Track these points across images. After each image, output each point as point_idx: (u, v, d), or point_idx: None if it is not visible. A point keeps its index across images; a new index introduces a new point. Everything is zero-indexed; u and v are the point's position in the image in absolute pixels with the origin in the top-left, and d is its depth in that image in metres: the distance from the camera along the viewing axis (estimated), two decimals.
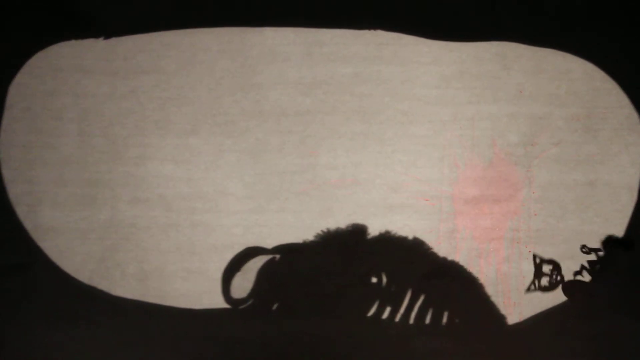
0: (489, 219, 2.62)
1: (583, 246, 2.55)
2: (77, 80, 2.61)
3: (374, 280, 2.60)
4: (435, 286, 2.58)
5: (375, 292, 2.59)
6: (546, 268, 2.57)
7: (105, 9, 2.60)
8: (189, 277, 2.61)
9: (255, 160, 2.62)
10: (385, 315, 2.58)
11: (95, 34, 2.62)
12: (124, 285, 2.60)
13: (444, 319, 2.57)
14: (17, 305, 2.59)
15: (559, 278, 2.56)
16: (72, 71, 2.61)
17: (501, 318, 2.60)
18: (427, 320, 2.57)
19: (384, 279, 2.59)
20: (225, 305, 2.60)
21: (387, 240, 2.60)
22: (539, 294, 2.58)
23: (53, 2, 2.60)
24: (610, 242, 2.56)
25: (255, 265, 2.61)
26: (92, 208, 2.61)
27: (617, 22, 2.62)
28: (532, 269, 2.58)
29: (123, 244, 2.61)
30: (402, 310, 2.57)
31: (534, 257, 2.58)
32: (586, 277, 2.55)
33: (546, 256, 2.59)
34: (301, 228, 2.61)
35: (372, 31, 2.63)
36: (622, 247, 2.55)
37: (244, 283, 2.60)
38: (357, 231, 2.61)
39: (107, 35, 2.62)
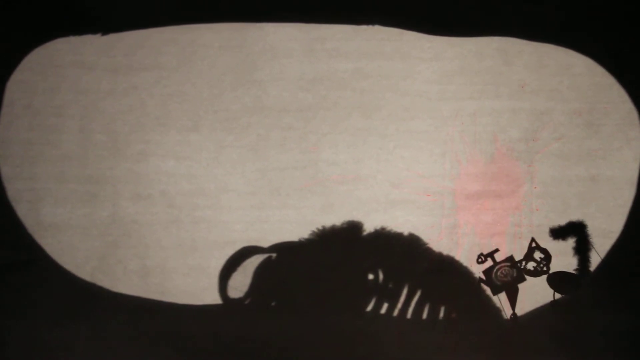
0: (491, 214, 2.62)
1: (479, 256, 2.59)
2: (78, 77, 2.60)
3: (375, 276, 2.60)
4: (437, 281, 2.58)
5: (376, 287, 2.59)
6: (537, 255, 2.57)
7: (105, 4, 2.59)
8: (191, 274, 2.61)
9: (257, 157, 2.62)
10: (387, 310, 2.58)
11: (95, 30, 2.61)
12: (125, 281, 2.60)
13: (445, 314, 2.57)
14: (18, 302, 2.59)
15: (545, 269, 2.56)
16: (72, 67, 2.61)
17: (501, 312, 2.60)
18: (428, 315, 2.57)
19: (386, 275, 2.59)
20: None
21: (389, 236, 2.60)
22: (532, 286, 2.59)
23: None
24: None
25: (253, 263, 2.61)
26: (93, 205, 2.60)
27: (619, 18, 2.62)
28: (534, 264, 2.58)
29: (124, 240, 2.60)
30: (403, 305, 2.57)
31: (532, 240, 2.58)
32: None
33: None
34: (302, 224, 2.61)
35: (373, 27, 2.62)
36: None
37: (244, 280, 2.60)
38: (358, 227, 2.61)
39: (108, 31, 2.61)
